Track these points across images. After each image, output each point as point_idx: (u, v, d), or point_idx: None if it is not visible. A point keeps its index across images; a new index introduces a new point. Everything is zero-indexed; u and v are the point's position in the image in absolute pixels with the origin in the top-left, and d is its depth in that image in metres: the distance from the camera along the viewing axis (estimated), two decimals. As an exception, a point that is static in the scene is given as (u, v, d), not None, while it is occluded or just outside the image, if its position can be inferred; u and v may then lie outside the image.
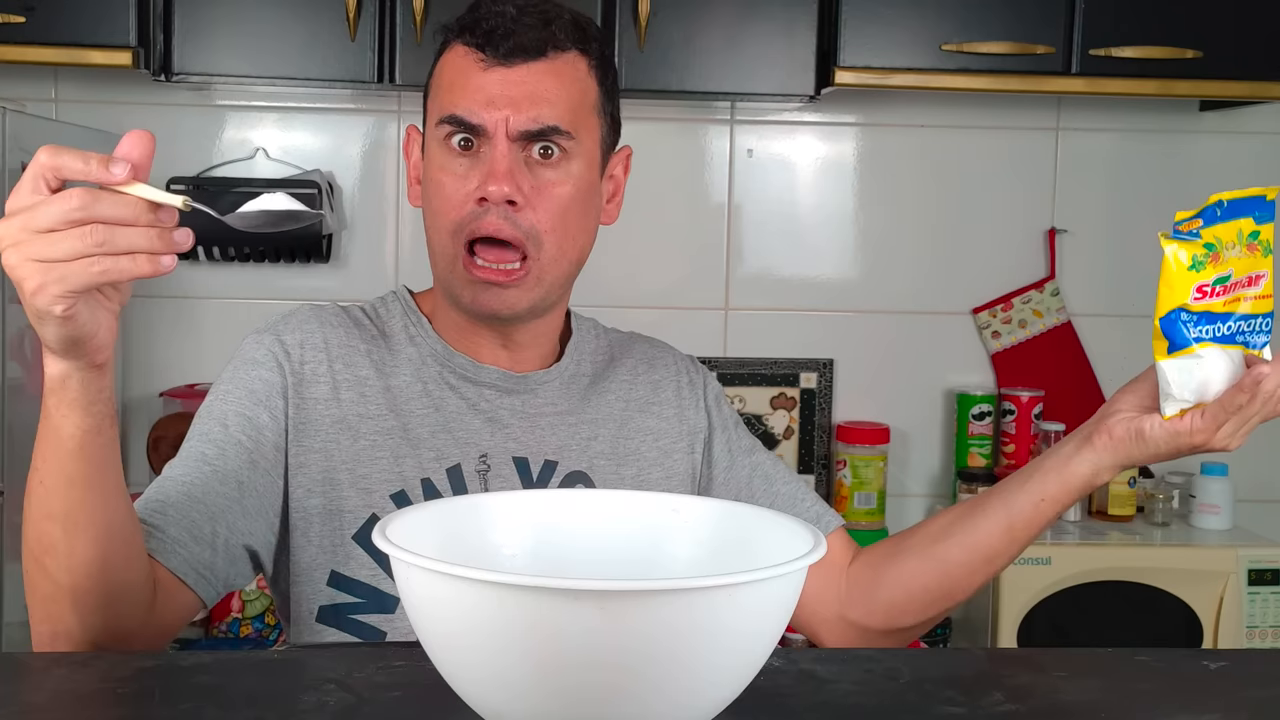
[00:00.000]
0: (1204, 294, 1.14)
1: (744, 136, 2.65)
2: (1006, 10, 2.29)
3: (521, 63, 1.28)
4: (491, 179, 1.26)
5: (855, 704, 0.94)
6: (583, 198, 1.32)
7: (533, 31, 1.28)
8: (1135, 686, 1.00)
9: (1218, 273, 1.13)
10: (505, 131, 1.26)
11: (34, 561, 1.08)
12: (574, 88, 1.30)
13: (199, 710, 0.88)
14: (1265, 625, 2.38)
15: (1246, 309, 1.15)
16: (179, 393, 2.49)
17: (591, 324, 1.48)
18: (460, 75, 1.29)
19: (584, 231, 1.34)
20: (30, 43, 2.15)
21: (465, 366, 1.35)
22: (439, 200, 1.30)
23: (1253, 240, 1.14)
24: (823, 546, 0.85)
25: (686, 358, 1.49)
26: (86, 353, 0.99)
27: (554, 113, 1.27)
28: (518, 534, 0.99)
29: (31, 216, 0.93)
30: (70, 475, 1.04)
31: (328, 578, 1.28)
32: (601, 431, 1.38)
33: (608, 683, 0.77)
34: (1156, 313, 1.14)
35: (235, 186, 2.46)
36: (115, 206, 0.93)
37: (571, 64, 1.30)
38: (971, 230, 2.69)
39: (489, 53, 1.28)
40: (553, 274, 1.31)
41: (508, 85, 1.27)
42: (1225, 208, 1.14)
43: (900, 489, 2.71)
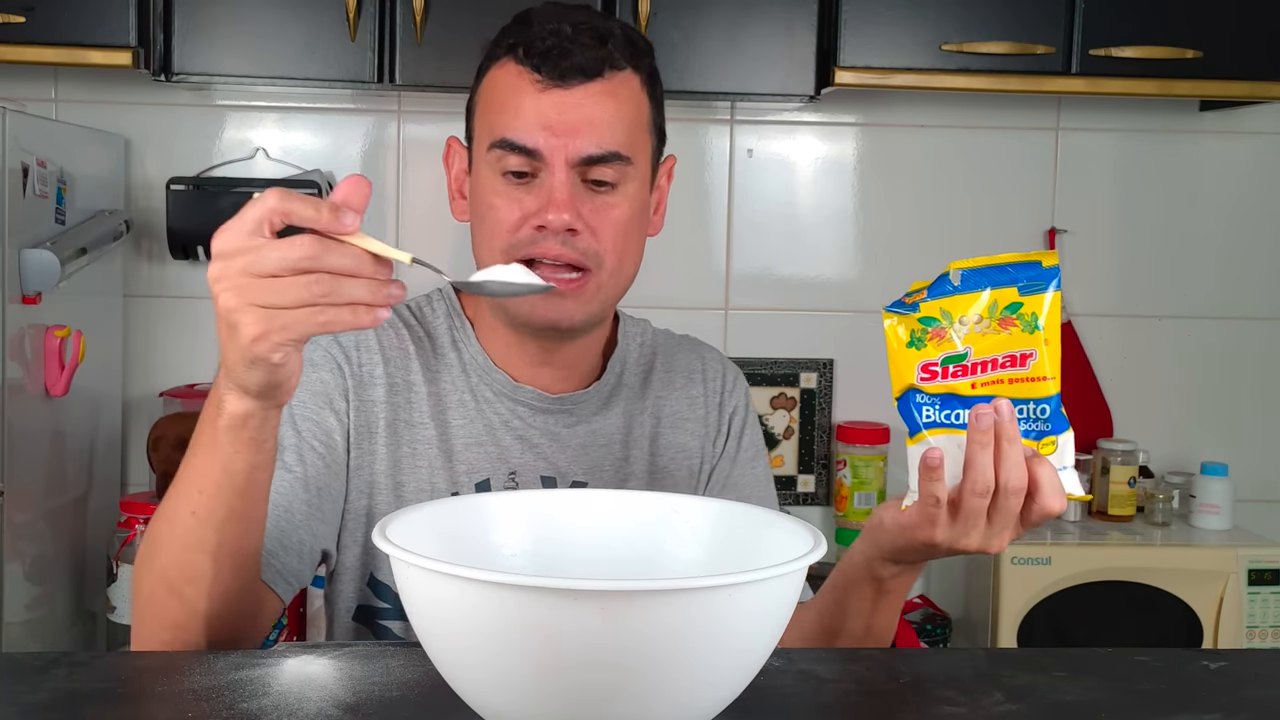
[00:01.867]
0: (933, 374, 1.02)
1: (744, 136, 2.65)
2: (1006, 10, 2.29)
3: (578, 84, 1.25)
4: (551, 207, 1.23)
5: (855, 704, 0.94)
6: (638, 217, 1.30)
7: (589, 51, 1.24)
8: (1135, 686, 1.00)
9: (945, 351, 1.02)
10: (564, 158, 1.24)
11: (168, 588, 1.08)
12: (629, 107, 1.27)
13: (199, 710, 0.88)
14: (1265, 625, 2.38)
15: (1015, 393, 1.01)
16: (179, 393, 2.49)
17: (640, 329, 1.45)
18: (514, 96, 1.26)
19: (639, 248, 1.33)
20: (30, 43, 2.15)
21: (502, 383, 1.33)
22: (492, 223, 1.27)
23: (1010, 314, 1.01)
24: (822, 546, 0.85)
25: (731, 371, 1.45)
26: (279, 395, 0.99)
27: (613, 137, 1.25)
28: (518, 534, 0.99)
29: (255, 260, 0.92)
30: (232, 509, 1.05)
31: (366, 579, 1.30)
32: (634, 452, 1.37)
33: (608, 683, 0.77)
34: (892, 393, 1.04)
35: (235, 186, 2.45)
36: (343, 257, 0.92)
37: (626, 83, 1.27)
38: (971, 230, 2.69)
39: (545, 74, 1.24)
40: (609, 290, 1.30)
41: (565, 109, 1.24)
42: (963, 278, 1.02)
43: (900, 489, 2.69)
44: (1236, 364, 2.74)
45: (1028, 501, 1.04)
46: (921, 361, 1.03)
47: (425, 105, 2.57)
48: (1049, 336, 1.01)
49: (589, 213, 1.25)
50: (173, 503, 1.07)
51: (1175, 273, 2.72)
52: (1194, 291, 2.73)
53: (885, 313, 1.03)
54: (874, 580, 1.18)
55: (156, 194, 2.49)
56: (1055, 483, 1.04)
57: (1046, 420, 1.03)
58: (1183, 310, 2.73)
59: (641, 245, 1.33)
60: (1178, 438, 2.73)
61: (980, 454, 1.01)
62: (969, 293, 1.02)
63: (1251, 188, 2.72)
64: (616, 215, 1.27)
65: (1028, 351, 1.01)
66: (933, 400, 1.03)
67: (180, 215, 2.44)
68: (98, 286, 2.36)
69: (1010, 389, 1.01)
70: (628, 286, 1.34)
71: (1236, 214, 2.72)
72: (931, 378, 1.02)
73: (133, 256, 2.53)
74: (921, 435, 1.03)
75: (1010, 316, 1.01)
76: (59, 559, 2.22)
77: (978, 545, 1.06)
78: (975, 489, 1.02)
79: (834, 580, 1.24)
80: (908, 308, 1.03)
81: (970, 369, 1.02)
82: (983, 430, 1.01)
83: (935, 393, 1.02)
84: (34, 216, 2.02)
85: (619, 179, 1.27)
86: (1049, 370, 1.01)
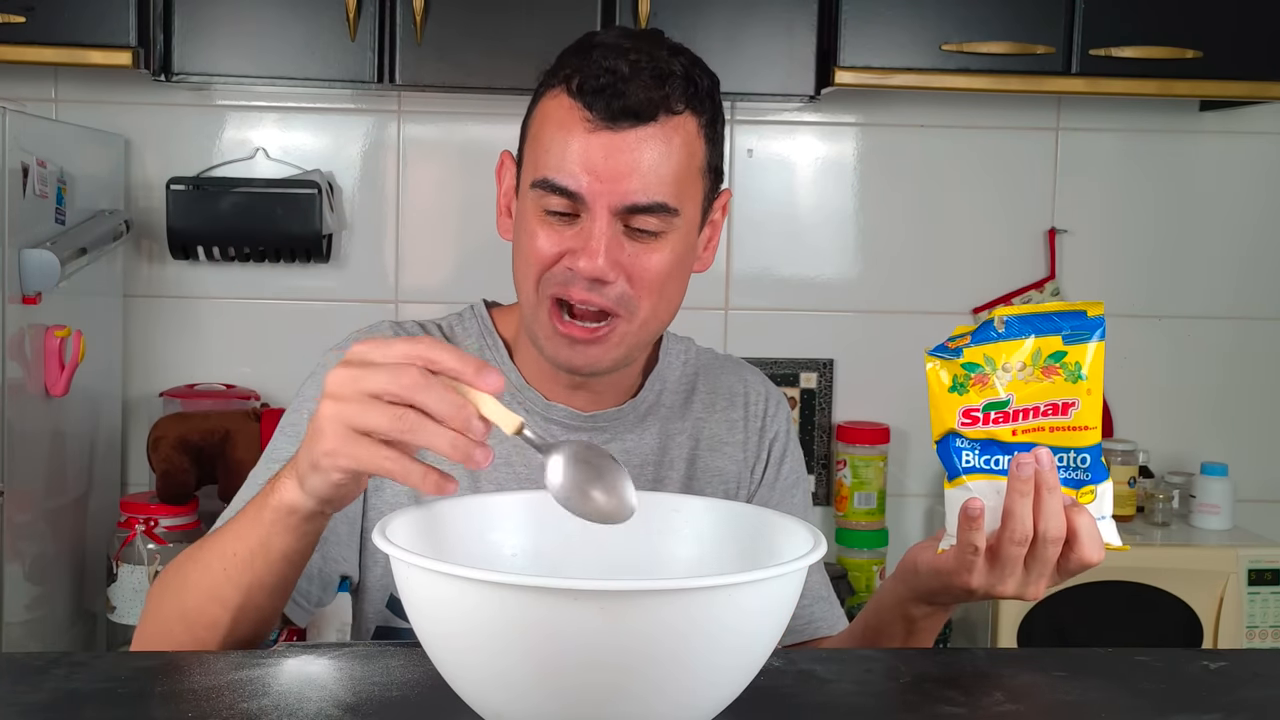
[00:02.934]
0: (974, 419, 1.02)
1: (744, 136, 2.65)
2: (1006, 10, 2.29)
3: (629, 128, 1.18)
4: (585, 254, 1.19)
5: (855, 704, 0.94)
6: (680, 264, 1.26)
7: (645, 92, 1.18)
8: (1135, 686, 1.00)
9: (986, 398, 1.01)
10: (606, 204, 1.19)
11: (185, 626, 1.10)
12: (682, 154, 1.21)
13: (199, 710, 0.88)
14: (1265, 625, 2.38)
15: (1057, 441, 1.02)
16: (179, 393, 2.49)
17: (683, 348, 1.42)
18: (561, 133, 1.20)
19: (679, 293, 1.28)
20: (30, 43, 2.15)
21: (534, 401, 1.31)
22: (528, 254, 1.23)
23: (1053, 362, 1.01)
24: (822, 546, 0.85)
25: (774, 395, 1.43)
26: (333, 505, 1.01)
27: (660, 188, 1.19)
28: (518, 534, 0.99)
29: (366, 374, 0.91)
30: (261, 581, 1.07)
31: (386, 600, 1.29)
32: (670, 474, 1.34)
33: (608, 683, 0.77)
34: (932, 436, 1.03)
35: (235, 186, 2.46)
36: (440, 401, 0.89)
37: (681, 128, 1.21)
38: (971, 230, 2.69)
39: (596, 113, 1.18)
40: (641, 336, 1.26)
41: (612, 153, 1.18)
42: (1008, 324, 1.02)
43: (900, 489, 2.70)
44: (1236, 364, 2.75)
45: (1066, 550, 1.05)
46: (963, 407, 1.02)
47: (425, 105, 2.57)
48: (1092, 386, 1.02)
49: (627, 259, 1.21)
50: (208, 551, 1.09)
51: (1175, 273, 2.72)
52: (1194, 291, 2.73)
53: (928, 356, 1.03)
54: (905, 620, 1.19)
55: (156, 194, 2.49)
56: (1094, 533, 1.05)
57: (1087, 469, 1.03)
58: (1182, 310, 2.73)
59: (682, 289, 1.29)
60: (1178, 438, 2.73)
61: (1020, 503, 1.02)
62: (1013, 340, 1.02)
63: (1251, 188, 2.72)
64: (655, 264, 1.22)
65: (1070, 401, 1.01)
66: (973, 445, 1.03)
67: (180, 215, 2.44)
68: (98, 286, 2.36)
69: (1051, 437, 1.02)
70: (663, 329, 1.30)
71: (1236, 214, 2.72)
72: (973, 423, 1.03)
73: (133, 256, 2.53)
74: (960, 480, 1.04)
75: (1054, 365, 1.01)
76: (59, 559, 2.22)
77: (1014, 591, 1.06)
78: (1014, 538, 1.03)
79: (865, 619, 1.25)
80: (951, 352, 1.03)
81: (1012, 416, 1.02)
82: (1023, 479, 1.01)
83: (975, 438, 1.03)
84: (34, 216, 2.02)
85: (663, 229, 1.21)
86: (1091, 420, 1.02)
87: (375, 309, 2.54)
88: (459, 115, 2.53)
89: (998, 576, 1.06)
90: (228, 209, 2.43)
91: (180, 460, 2.30)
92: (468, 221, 2.60)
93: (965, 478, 1.03)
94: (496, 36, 2.23)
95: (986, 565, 1.05)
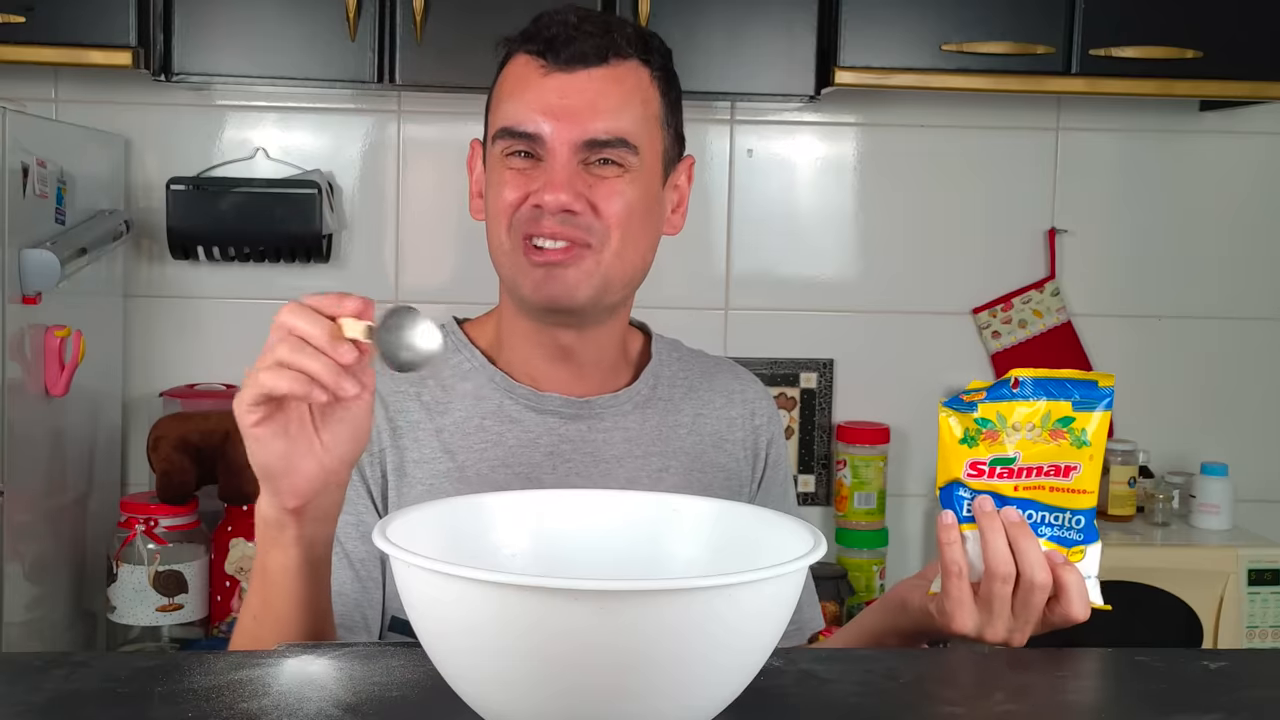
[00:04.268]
0: (980, 472, 1.07)
1: (744, 136, 2.65)
2: (1006, 10, 2.29)
3: (582, 69, 1.25)
4: (549, 188, 1.23)
5: (855, 704, 0.94)
6: (646, 206, 1.28)
7: (594, 38, 1.25)
8: (1135, 686, 1.00)
9: (994, 453, 1.06)
10: (565, 140, 1.24)
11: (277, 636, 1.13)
12: (635, 97, 1.26)
13: (199, 710, 0.88)
14: (1265, 625, 2.38)
15: (1054, 501, 1.07)
16: (179, 393, 2.49)
17: (672, 346, 1.44)
18: (519, 84, 1.26)
19: (645, 236, 1.30)
20: (30, 43, 2.15)
21: (527, 396, 1.31)
22: (498, 205, 1.27)
23: (1060, 427, 1.06)
24: (822, 546, 0.85)
25: (766, 397, 1.45)
26: (279, 491, 1.04)
27: (615, 123, 1.24)
28: (518, 534, 0.99)
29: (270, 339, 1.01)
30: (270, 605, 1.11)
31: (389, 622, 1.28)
32: (673, 464, 1.34)
33: (608, 683, 0.77)
34: (936, 483, 1.09)
35: (235, 186, 2.45)
36: (311, 324, 0.99)
37: (634, 72, 1.27)
38: (971, 230, 2.69)
39: (549, 59, 1.25)
40: (614, 269, 1.27)
41: (567, 93, 1.24)
42: (1024, 385, 1.06)
43: (900, 489, 2.70)
44: (1236, 364, 2.74)
45: (1052, 603, 1.10)
46: (971, 459, 1.07)
47: (425, 105, 2.57)
48: (1094, 453, 1.07)
49: (589, 190, 1.25)
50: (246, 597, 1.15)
51: (1175, 273, 2.72)
52: (1194, 291, 2.73)
53: (942, 408, 1.07)
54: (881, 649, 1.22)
55: (156, 194, 2.49)
56: (1082, 590, 1.10)
57: (1080, 530, 1.08)
58: (1183, 310, 2.73)
59: (651, 239, 1.31)
60: (1178, 438, 2.73)
61: (994, 539, 1.07)
62: (1026, 400, 1.06)
63: (1251, 188, 2.72)
64: (619, 195, 1.25)
65: (1072, 464, 1.06)
66: (974, 495, 1.08)
67: (180, 215, 2.44)
68: (98, 286, 2.36)
69: (1050, 496, 1.07)
70: (635, 275, 1.30)
71: (1236, 214, 2.72)
72: (978, 475, 1.07)
73: (133, 256, 2.53)
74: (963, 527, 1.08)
75: (1061, 429, 1.06)
76: (59, 559, 2.22)
77: (1003, 635, 1.10)
78: (997, 574, 1.07)
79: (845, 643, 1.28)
80: (966, 406, 1.07)
81: (1016, 473, 1.07)
82: (986, 514, 1.07)
83: (978, 489, 1.07)
84: (34, 216, 2.02)
85: (622, 163, 1.25)
86: (1089, 484, 1.07)
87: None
88: (459, 115, 2.53)
89: (986, 618, 1.09)
90: (228, 209, 2.43)
91: (180, 460, 2.30)
92: (468, 221, 2.58)
93: (964, 526, 1.08)
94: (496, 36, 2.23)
95: (975, 606, 1.09)
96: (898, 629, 1.20)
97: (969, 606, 1.09)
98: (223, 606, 2.39)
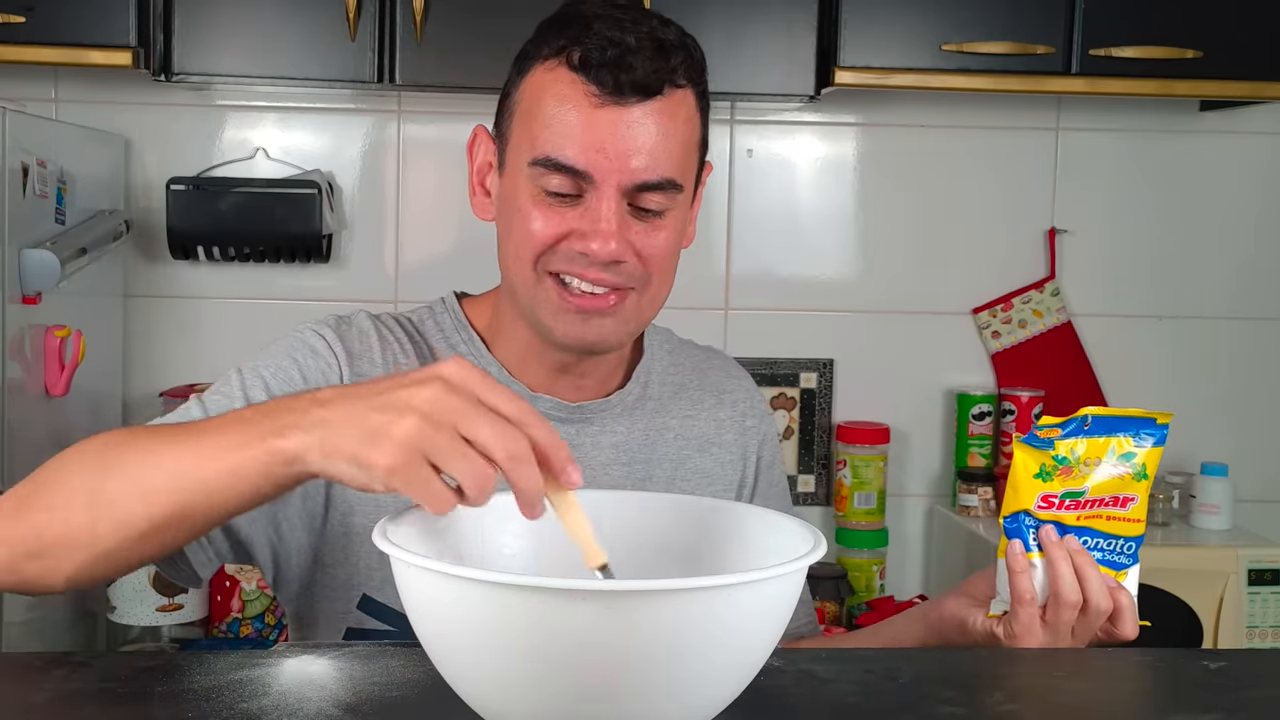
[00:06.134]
0: (1050, 504, 1.13)
1: (744, 136, 2.65)
2: (1006, 10, 2.29)
3: (637, 103, 1.15)
4: (598, 236, 1.15)
5: (855, 704, 0.94)
6: (679, 241, 1.24)
7: (650, 64, 1.15)
8: (1135, 686, 1.00)
9: (1068, 487, 1.12)
10: (616, 183, 1.15)
11: (86, 507, 0.98)
12: (685, 130, 1.19)
13: (199, 710, 0.88)
14: (1265, 625, 2.38)
15: (1109, 529, 1.13)
16: (179, 393, 2.49)
17: (664, 338, 1.40)
18: (565, 108, 1.16)
19: (675, 266, 1.26)
20: (30, 43, 2.15)
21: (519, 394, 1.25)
22: (525, 235, 1.18)
23: (1125, 461, 1.12)
24: (822, 546, 0.85)
25: (758, 396, 1.42)
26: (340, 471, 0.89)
27: (669, 164, 1.17)
28: (518, 534, 0.99)
29: (469, 413, 0.84)
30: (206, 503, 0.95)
31: (359, 600, 1.24)
32: (657, 473, 1.32)
33: (608, 683, 0.77)
34: (1001, 511, 1.14)
35: (235, 186, 2.46)
36: (527, 482, 0.84)
37: (684, 102, 1.19)
38: (971, 230, 2.69)
39: (602, 88, 1.14)
40: (648, 313, 1.24)
41: (620, 130, 1.14)
42: (1094, 423, 1.11)
43: (900, 489, 2.70)
44: (1236, 364, 2.74)
45: (1106, 624, 1.15)
46: (1043, 492, 1.13)
47: (425, 105, 2.57)
48: (1149, 485, 1.14)
49: (635, 238, 1.18)
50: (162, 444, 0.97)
51: (1175, 273, 2.72)
52: (1194, 291, 2.73)
53: (1019, 444, 1.12)
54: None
55: (156, 194, 2.49)
56: (1134, 612, 1.15)
57: (1129, 555, 1.15)
58: (1183, 310, 2.73)
59: (677, 263, 1.27)
60: (1178, 438, 2.71)
61: (1064, 568, 1.11)
62: (1098, 437, 1.12)
63: (1251, 188, 2.72)
64: (663, 241, 1.19)
65: (1130, 496, 1.13)
66: (1039, 524, 1.13)
67: (180, 215, 2.44)
68: (98, 286, 2.36)
69: (1107, 525, 1.14)
70: (661, 308, 1.28)
71: (1237, 214, 2.72)
72: (1047, 507, 1.13)
73: (133, 256, 2.53)
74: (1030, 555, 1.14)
75: (1125, 464, 1.12)
76: (59, 559, 2.22)
77: None
78: (1066, 601, 1.12)
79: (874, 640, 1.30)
80: (1043, 442, 1.12)
81: (1082, 504, 1.13)
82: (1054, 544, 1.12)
83: (1043, 518, 1.13)
84: (34, 216, 2.02)
85: (667, 206, 1.19)
86: (1141, 514, 1.14)
87: (375, 309, 2.53)
88: (459, 115, 2.53)
89: (1050, 641, 1.14)
90: (228, 209, 2.43)
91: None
92: (468, 221, 2.58)
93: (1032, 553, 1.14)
94: (496, 36, 2.22)
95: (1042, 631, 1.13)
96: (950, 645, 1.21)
97: (1037, 630, 1.13)
98: (223, 606, 2.39)
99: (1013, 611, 1.14)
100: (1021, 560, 1.12)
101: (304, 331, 1.27)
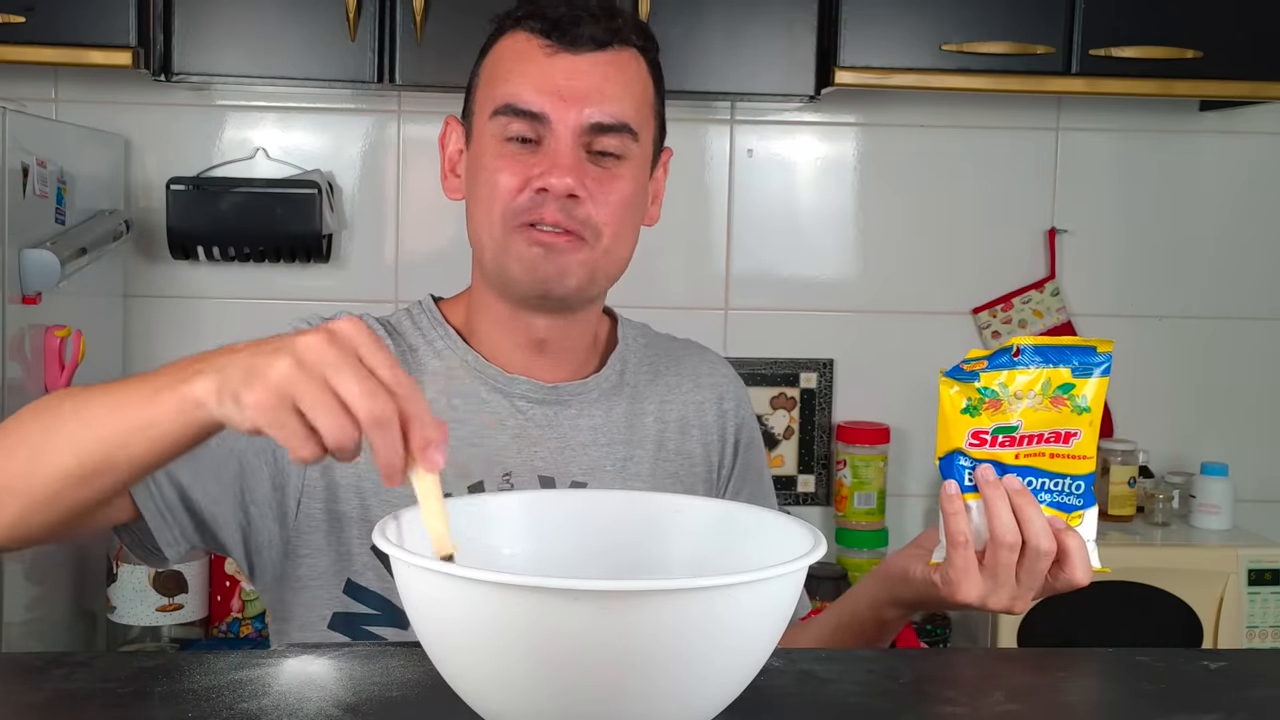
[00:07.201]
0: (982, 441, 1.06)
1: (744, 136, 2.65)
2: (1006, 10, 2.29)
3: (588, 52, 1.24)
4: (555, 170, 1.22)
5: (855, 704, 0.94)
6: (638, 197, 1.29)
7: (600, 22, 1.25)
8: (1135, 686, 1.00)
9: (997, 421, 1.06)
10: (572, 123, 1.23)
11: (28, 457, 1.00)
12: (637, 84, 1.27)
13: (199, 710, 0.88)
14: (1265, 625, 2.38)
15: (1055, 468, 1.07)
16: (179, 393, 2.49)
17: (639, 331, 1.43)
18: (522, 61, 1.25)
19: (633, 230, 1.30)
20: (30, 43, 2.15)
21: (496, 377, 1.31)
22: (492, 190, 1.25)
23: (1061, 394, 1.06)
24: (822, 546, 0.85)
25: (736, 381, 1.44)
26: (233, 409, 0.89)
27: (621, 108, 1.24)
28: (517, 534, 0.99)
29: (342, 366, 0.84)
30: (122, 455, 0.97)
31: (342, 585, 1.25)
32: (638, 453, 1.34)
33: (607, 683, 0.77)
34: (936, 453, 1.08)
35: (235, 186, 2.45)
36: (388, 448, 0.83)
37: (634, 60, 1.28)
38: (971, 230, 2.69)
39: (555, 39, 1.24)
40: (604, 266, 1.28)
41: (575, 74, 1.23)
42: (1024, 353, 1.06)
43: (900, 489, 2.70)
44: (1236, 364, 2.74)
45: (1055, 568, 1.09)
46: (973, 429, 1.07)
47: (425, 105, 2.57)
48: (1094, 418, 1.07)
49: (591, 181, 1.23)
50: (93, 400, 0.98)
51: (1175, 273, 2.72)
52: (1194, 291, 2.73)
53: (943, 377, 1.07)
54: (879, 622, 1.22)
55: (156, 194, 2.49)
56: (1084, 555, 1.09)
57: (1079, 495, 1.09)
58: (1183, 310, 2.73)
59: (637, 231, 1.31)
60: (1178, 438, 2.73)
61: (999, 507, 1.06)
62: (1027, 368, 1.06)
63: (1251, 188, 2.72)
64: (619, 187, 1.25)
65: (1073, 431, 1.07)
66: (975, 464, 1.07)
67: (180, 215, 2.44)
68: (98, 286, 2.36)
69: (1050, 463, 1.07)
70: (620, 271, 1.31)
71: (1236, 214, 2.72)
72: (980, 444, 1.07)
73: (133, 256, 2.53)
74: (967, 496, 1.08)
75: (1062, 396, 1.06)
76: (59, 559, 2.22)
77: (1005, 604, 1.10)
78: (1003, 542, 1.06)
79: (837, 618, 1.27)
80: (967, 375, 1.07)
81: (1017, 441, 1.07)
82: (990, 483, 1.06)
83: (979, 458, 1.07)
84: (34, 216, 2.02)
85: (623, 152, 1.25)
86: (1088, 450, 1.08)
87: (375, 309, 2.52)
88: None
89: (990, 588, 1.09)
90: (228, 209, 2.43)
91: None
92: (468, 221, 2.59)
93: (966, 495, 1.07)
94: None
95: (980, 575, 1.09)
96: (898, 600, 1.19)
97: (974, 576, 1.08)
98: (223, 606, 2.39)
99: (947, 556, 1.09)
100: (956, 502, 1.07)
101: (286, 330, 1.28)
